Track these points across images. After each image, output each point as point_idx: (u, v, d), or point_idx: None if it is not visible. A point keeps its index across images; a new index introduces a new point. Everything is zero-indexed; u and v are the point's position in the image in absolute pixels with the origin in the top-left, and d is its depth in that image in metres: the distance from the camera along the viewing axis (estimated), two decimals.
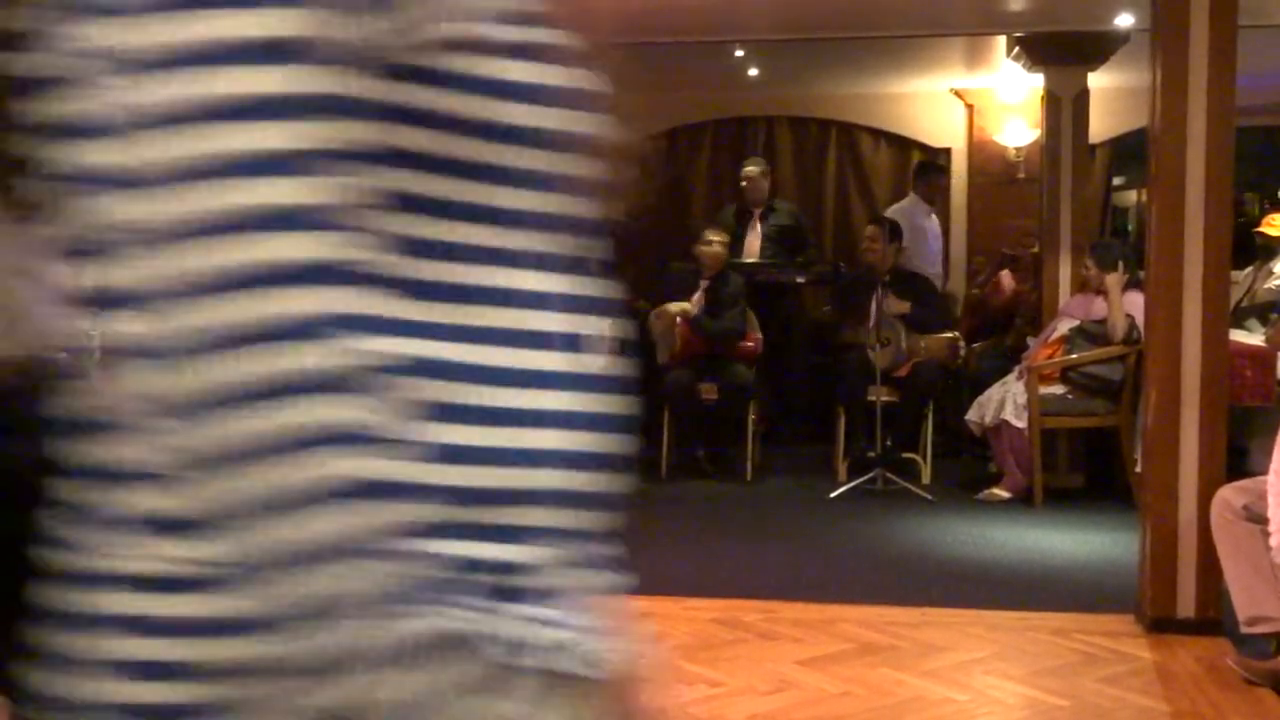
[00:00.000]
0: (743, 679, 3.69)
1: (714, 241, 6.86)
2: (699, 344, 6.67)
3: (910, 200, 8.16)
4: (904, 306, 6.54)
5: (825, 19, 5.87)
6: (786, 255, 7.70)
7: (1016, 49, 7.21)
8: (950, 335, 6.79)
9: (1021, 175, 8.72)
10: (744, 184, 7.79)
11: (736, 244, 7.50)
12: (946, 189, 8.65)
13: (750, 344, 6.86)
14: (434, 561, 0.68)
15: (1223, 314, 4.08)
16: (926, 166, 8.50)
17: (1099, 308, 6.13)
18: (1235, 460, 4.55)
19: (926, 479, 6.58)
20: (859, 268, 7.31)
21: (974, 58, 7.92)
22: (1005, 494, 6.25)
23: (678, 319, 6.69)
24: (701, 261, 6.83)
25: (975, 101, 8.89)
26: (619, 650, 0.74)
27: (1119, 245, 7.30)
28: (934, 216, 8.23)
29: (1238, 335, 5.51)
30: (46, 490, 0.72)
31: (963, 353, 6.90)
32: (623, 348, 0.81)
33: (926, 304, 6.76)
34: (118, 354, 0.65)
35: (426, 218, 0.72)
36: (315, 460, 0.63)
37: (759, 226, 7.72)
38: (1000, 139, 8.86)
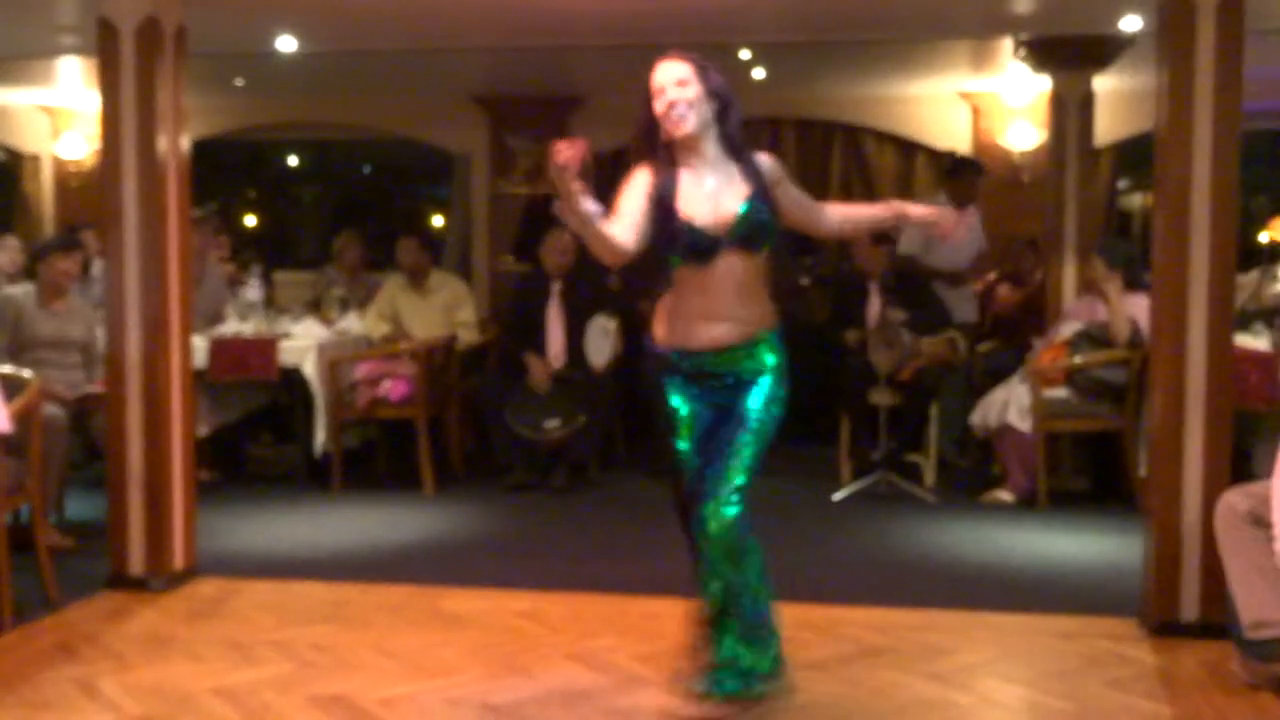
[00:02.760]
0: None
1: None
2: None
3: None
4: (897, 315, 6.49)
5: (831, 21, 5.86)
6: (790, 257, 7.67)
7: (1023, 51, 7.19)
8: (948, 334, 6.76)
9: (1026, 178, 8.71)
10: None
11: None
12: (976, 188, 7.64)
13: None
14: None
15: (1228, 318, 4.06)
16: (956, 166, 7.73)
17: (1104, 311, 6.11)
18: (1239, 464, 4.54)
19: (930, 481, 6.58)
20: (851, 271, 7.29)
21: (980, 60, 7.89)
22: (1009, 497, 6.24)
23: None
24: None
25: (980, 104, 8.88)
26: None
27: (1126, 244, 7.25)
28: (968, 212, 7.51)
29: (1243, 339, 5.49)
30: None
31: (962, 349, 6.88)
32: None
33: (922, 306, 6.74)
34: None
35: None
36: None
37: None
38: (1005, 142, 8.85)
